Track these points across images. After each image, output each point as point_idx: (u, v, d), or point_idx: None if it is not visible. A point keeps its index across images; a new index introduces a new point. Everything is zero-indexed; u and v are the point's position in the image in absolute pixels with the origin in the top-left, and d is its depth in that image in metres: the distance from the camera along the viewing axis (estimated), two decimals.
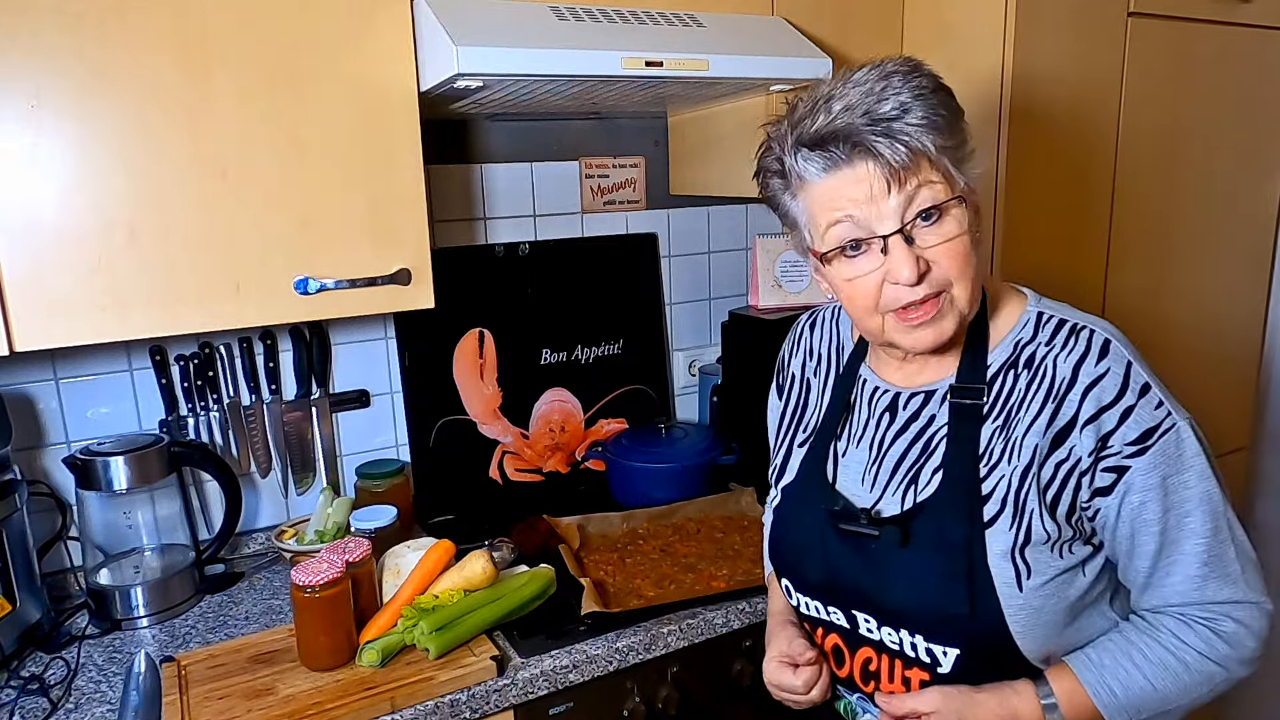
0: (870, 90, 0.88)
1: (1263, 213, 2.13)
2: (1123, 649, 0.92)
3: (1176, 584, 0.91)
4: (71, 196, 1.15)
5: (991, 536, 0.92)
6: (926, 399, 1.00)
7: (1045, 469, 0.91)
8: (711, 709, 1.42)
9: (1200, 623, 0.91)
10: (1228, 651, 0.91)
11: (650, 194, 2.01)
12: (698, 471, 1.77)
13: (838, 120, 0.88)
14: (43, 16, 1.10)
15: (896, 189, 0.87)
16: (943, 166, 0.89)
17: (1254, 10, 1.90)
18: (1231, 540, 0.91)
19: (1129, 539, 0.91)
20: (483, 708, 1.21)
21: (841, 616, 1.03)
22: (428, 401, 1.79)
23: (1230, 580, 0.91)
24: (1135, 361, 0.91)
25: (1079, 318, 0.96)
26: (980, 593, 0.91)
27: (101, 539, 1.48)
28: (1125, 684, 0.91)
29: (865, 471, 1.03)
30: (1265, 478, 2.36)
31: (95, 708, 1.19)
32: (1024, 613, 0.91)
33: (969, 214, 0.91)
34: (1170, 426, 0.89)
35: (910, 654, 0.98)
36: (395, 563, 1.38)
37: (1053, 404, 0.92)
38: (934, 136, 0.87)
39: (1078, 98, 1.70)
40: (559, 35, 1.29)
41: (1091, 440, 0.89)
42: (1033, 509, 0.91)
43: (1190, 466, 0.89)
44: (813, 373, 1.16)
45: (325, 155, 1.28)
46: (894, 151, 0.86)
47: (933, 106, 0.88)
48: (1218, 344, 2.12)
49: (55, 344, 1.17)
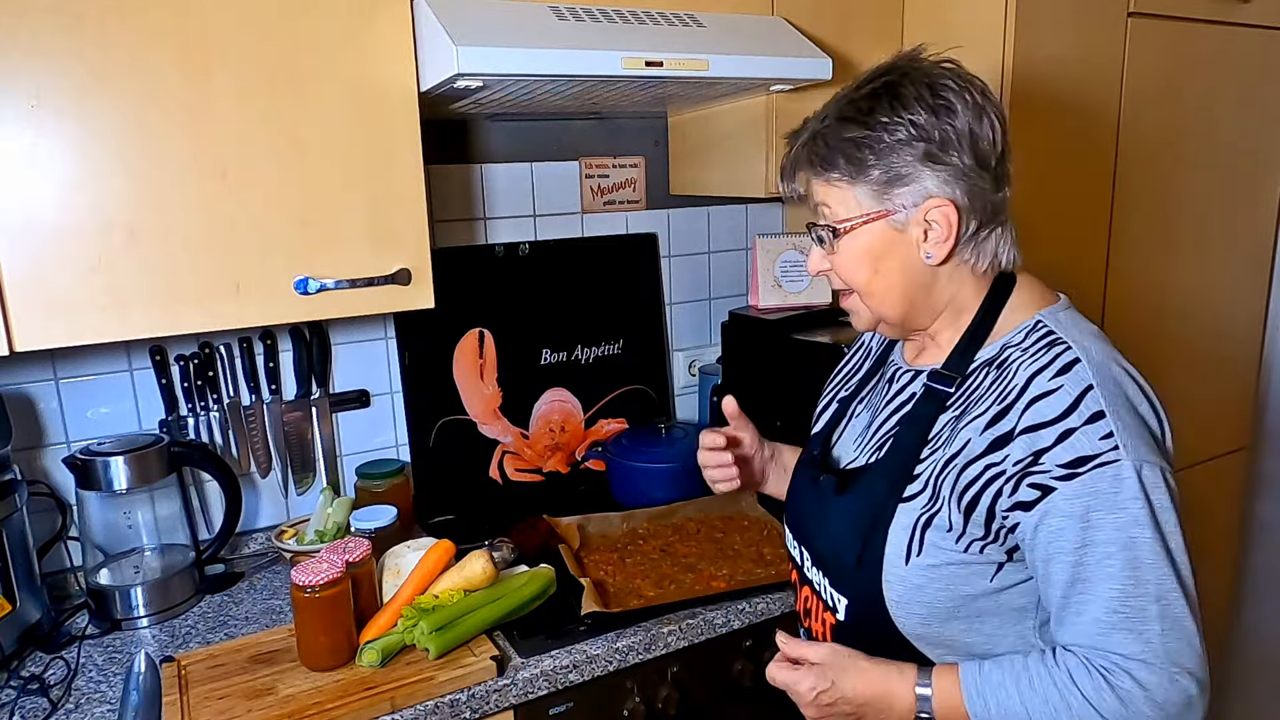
0: (826, 111, 0.99)
1: (1263, 212, 2.13)
2: (1015, 671, 0.91)
3: (1084, 624, 0.88)
4: (71, 196, 1.15)
5: (903, 509, 0.97)
6: (914, 378, 1.07)
7: (972, 468, 0.91)
8: (711, 709, 1.42)
9: (1098, 670, 0.87)
10: (1116, 708, 0.85)
11: (650, 194, 2.01)
12: (698, 471, 1.76)
13: (793, 149, 1.02)
14: (43, 16, 1.10)
15: (808, 198, 1.02)
16: (845, 193, 0.97)
17: (1254, 10, 1.90)
18: (1157, 599, 0.85)
19: (1044, 564, 0.89)
20: (483, 708, 1.21)
21: (798, 551, 1.13)
22: (428, 401, 1.79)
23: (1141, 639, 0.85)
24: (1101, 389, 0.88)
25: (1073, 337, 0.94)
26: (870, 551, 0.98)
27: (101, 539, 1.48)
28: (1001, 702, 0.90)
29: (860, 433, 1.11)
30: (1265, 478, 2.36)
31: (95, 708, 1.19)
32: (902, 585, 0.95)
33: (875, 235, 0.97)
34: (1110, 461, 0.85)
35: (823, 596, 1.06)
36: (395, 563, 1.38)
37: (999, 407, 0.92)
38: (822, 167, 0.98)
39: (1078, 98, 1.70)
40: (559, 35, 1.29)
41: (1023, 451, 0.88)
42: (945, 497, 0.93)
43: (1123, 509, 0.85)
44: (877, 342, 1.23)
45: (325, 155, 1.28)
46: (798, 166, 1.01)
47: (851, 136, 0.95)
48: (1218, 344, 2.12)
49: (55, 344, 1.17)
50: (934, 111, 0.93)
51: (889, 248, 0.97)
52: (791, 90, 1.61)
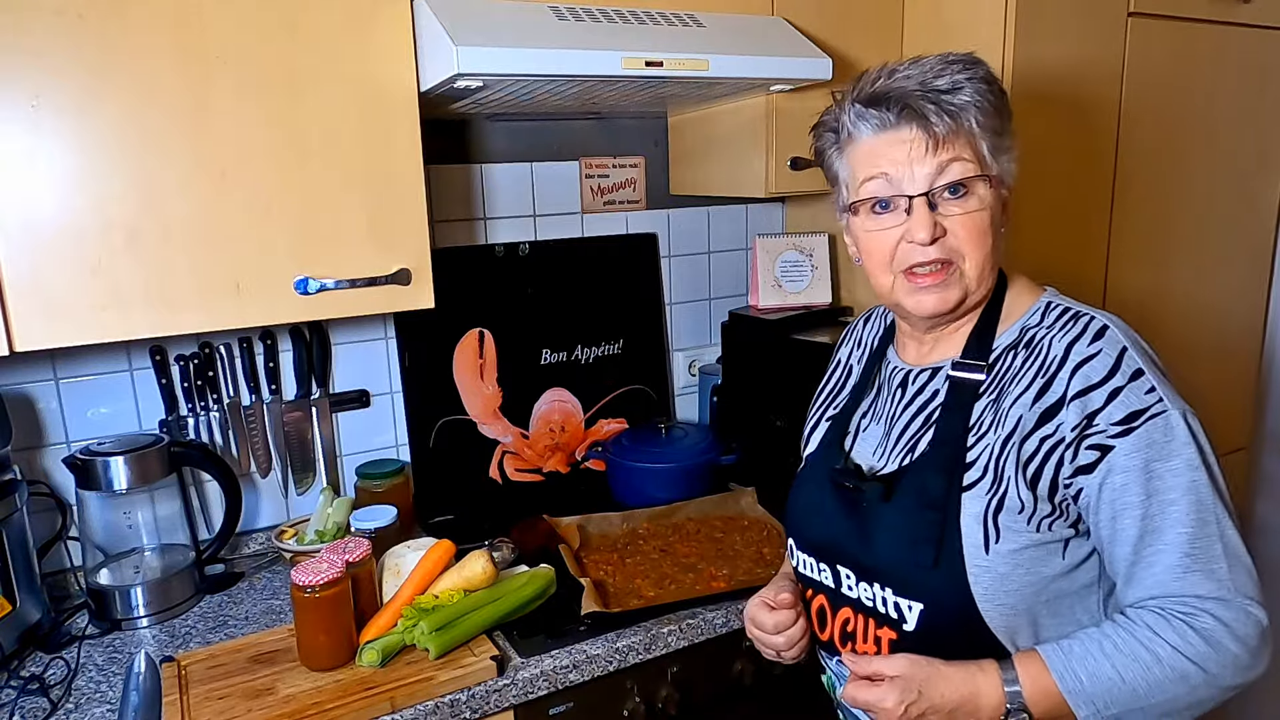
0: (930, 68, 0.97)
1: (1263, 212, 2.13)
2: (1095, 639, 0.91)
3: (1158, 574, 0.90)
4: (72, 196, 1.15)
5: (968, 499, 0.96)
6: (933, 375, 1.06)
7: (1029, 442, 0.93)
8: (711, 709, 1.42)
9: (1178, 617, 0.88)
10: (1205, 650, 0.87)
11: (650, 194, 2.01)
12: (698, 471, 1.77)
13: (895, 84, 0.97)
14: (44, 17, 1.10)
15: (932, 155, 0.95)
16: (979, 148, 0.97)
17: (1254, 10, 1.90)
18: (1220, 537, 0.89)
19: (1110, 522, 0.91)
20: (483, 708, 1.21)
21: (829, 574, 1.08)
22: (428, 401, 1.79)
23: (1214, 576, 0.88)
24: (1132, 348, 0.93)
25: (1087, 309, 0.99)
26: (947, 549, 0.95)
27: (101, 539, 1.48)
28: (1092, 672, 0.89)
29: (879, 444, 1.09)
30: (1265, 478, 2.35)
31: (95, 708, 1.19)
32: (987, 575, 0.94)
33: (994, 198, 0.98)
34: (1160, 412, 0.90)
35: (881, 610, 1.01)
36: (395, 563, 1.38)
37: (1042, 379, 0.94)
38: (978, 116, 0.95)
39: (1078, 97, 1.70)
40: (559, 35, 1.29)
41: (1077, 416, 0.91)
42: (1010, 476, 0.94)
43: (1177, 454, 0.89)
44: (856, 359, 1.23)
45: (325, 155, 1.28)
46: (938, 118, 0.94)
47: (983, 93, 0.96)
48: (1218, 343, 2.12)
49: (55, 344, 1.17)
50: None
51: (999, 215, 1.00)
52: (791, 90, 1.61)
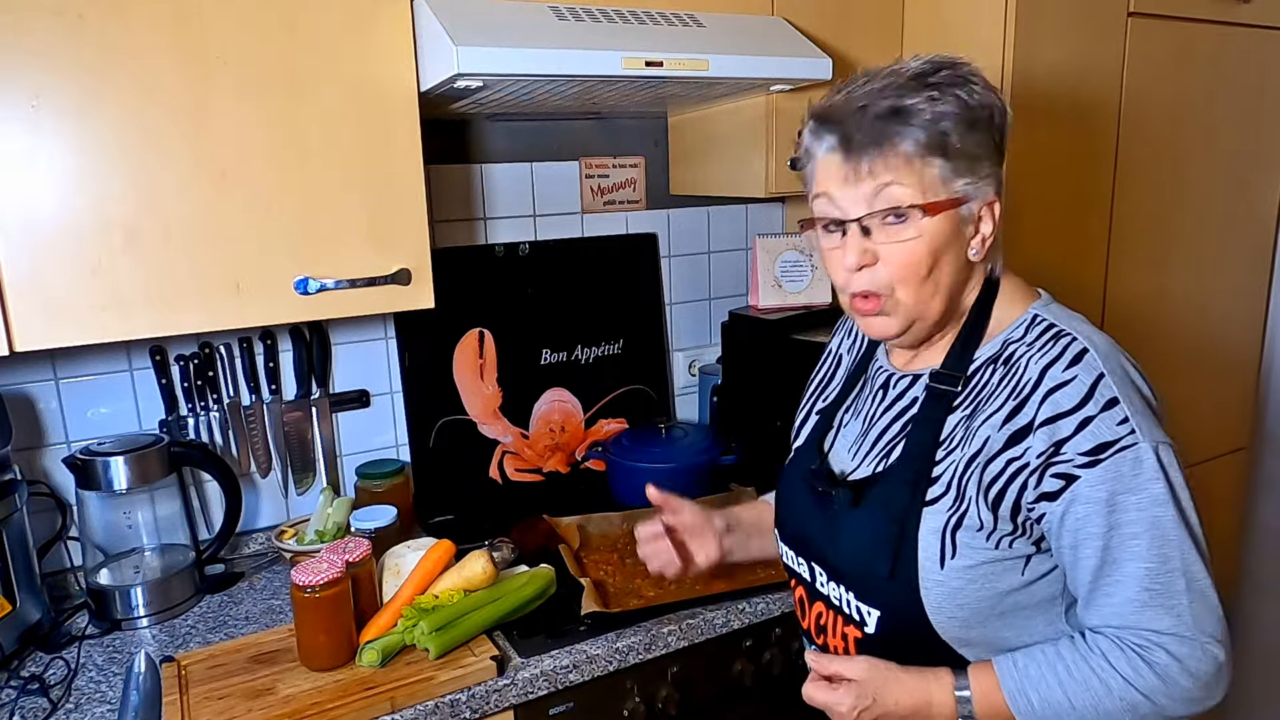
0: (887, 84, 0.91)
1: (1263, 213, 2.13)
2: (1050, 661, 0.91)
3: (1116, 605, 0.89)
4: (72, 196, 1.15)
5: (929, 514, 0.95)
6: (913, 382, 1.04)
7: (995, 464, 0.91)
8: (711, 709, 1.42)
9: (1133, 648, 0.88)
10: (1155, 683, 0.87)
11: (650, 194, 2.01)
12: (698, 471, 1.77)
13: (842, 103, 0.93)
14: (44, 17, 1.10)
15: (861, 180, 0.91)
16: (924, 174, 0.90)
17: (1254, 10, 1.90)
18: (1183, 573, 0.87)
19: (1071, 550, 0.90)
20: (483, 708, 1.21)
21: (805, 568, 1.09)
22: (428, 401, 1.79)
23: (1173, 612, 0.87)
24: (1110, 375, 0.89)
25: (1073, 327, 0.95)
26: (903, 561, 0.95)
27: (101, 539, 1.48)
28: (1044, 696, 0.90)
29: (855, 442, 1.09)
30: (1265, 478, 2.36)
31: (95, 708, 1.19)
32: (940, 589, 0.94)
33: (943, 225, 0.92)
34: (1130, 445, 0.87)
35: (846, 610, 1.03)
36: (395, 563, 1.38)
37: (1014, 401, 0.92)
38: (919, 141, 0.89)
39: (1078, 98, 1.70)
40: (559, 35, 1.29)
41: (1044, 443, 0.89)
42: (971, 496, 0.93)
43: (1144, 489, 0.87)
44: (846, 349, 1.22)
45: (325, 155, 1.28)
46: (864, 144, 0.90)
47: (945, 114, 0.89)
48: (1218, 344, 2.12)
49: (55, 344, 1.18)
50: (1001, 102, 0.94)
51: (952, 240, 0.93)
52: (791, 90, 1.61)
